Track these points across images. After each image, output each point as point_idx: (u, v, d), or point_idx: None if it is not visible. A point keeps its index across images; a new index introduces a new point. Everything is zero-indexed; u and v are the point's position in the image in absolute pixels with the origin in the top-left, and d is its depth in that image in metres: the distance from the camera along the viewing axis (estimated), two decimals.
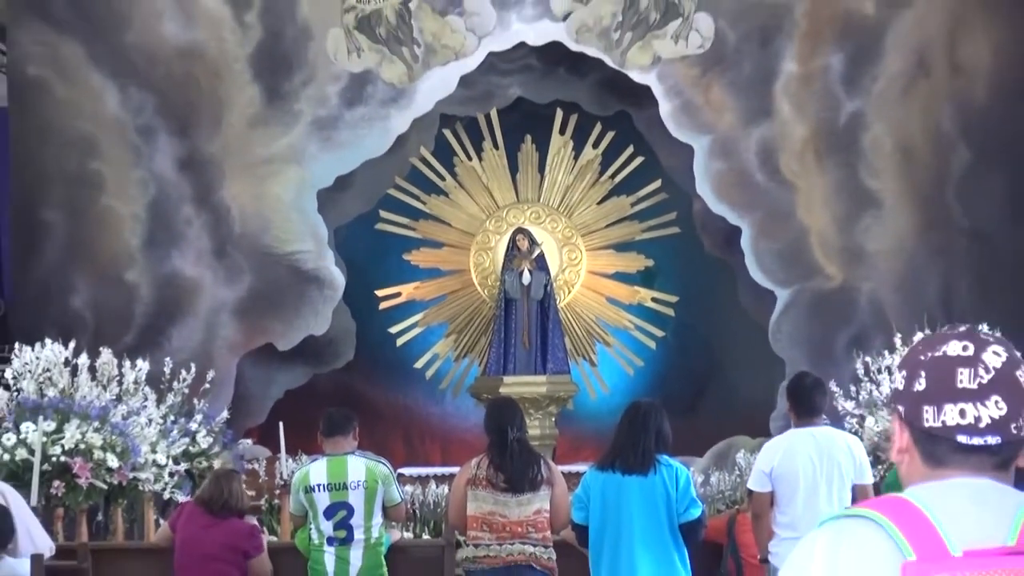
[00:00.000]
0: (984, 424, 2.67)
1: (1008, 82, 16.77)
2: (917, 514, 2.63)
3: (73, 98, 16.86)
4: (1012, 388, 2.68)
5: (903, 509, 2.65)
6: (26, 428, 12.52)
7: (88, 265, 16.81)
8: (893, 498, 2.69)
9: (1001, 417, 2.67)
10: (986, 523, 2.62)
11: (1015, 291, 16.33)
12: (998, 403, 2.67)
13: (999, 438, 2.67)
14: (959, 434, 2.68)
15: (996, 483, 2.70)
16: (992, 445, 2.68)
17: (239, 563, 9.49)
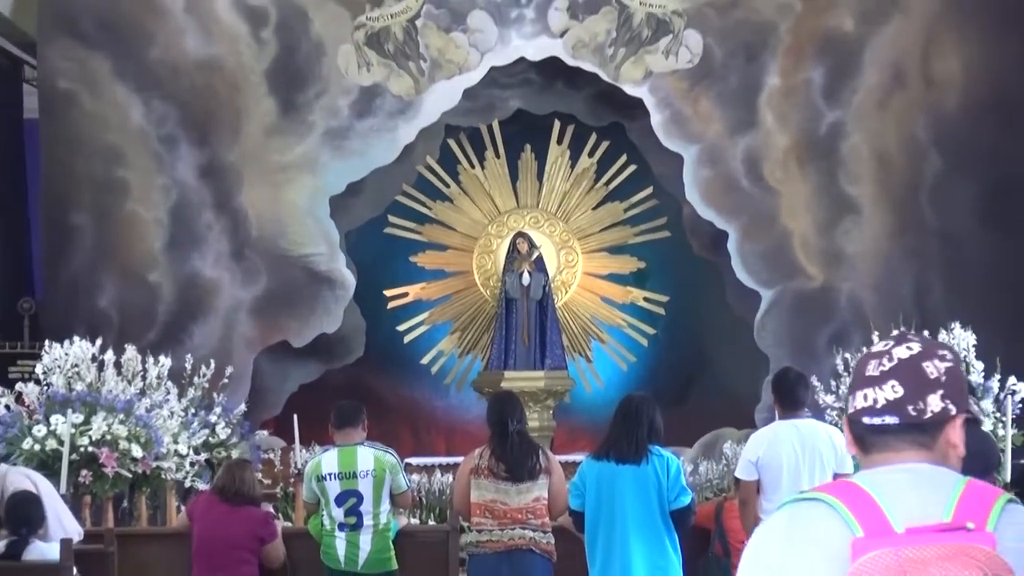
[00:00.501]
0: (880, 406, 2.84)
1: (977, 94, 16.77)
2: (864, 496, 2.76)
3: (100, 110, 16.86)
4: (912, 375, 2.84)
5: (852, 492, 2.78)
6: (56, 420, 12.52)
7: (114, 267, 16.80)
8: (844, 483, 2.81)
9: (896, 399, 2.83)
10: (925, 503, 2.74)
11: (984, 290, 16.32)
12: (894, 387, 2.84)
13: (896, 418, 2.83)
14: (863, 416, 2.86)
15: (933, 466, 2.83)
16: (892, 425, 2.84)
17: (255, 549, 9.48)
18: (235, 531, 9.43)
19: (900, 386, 2.85)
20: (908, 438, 2.86)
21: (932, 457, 2.86)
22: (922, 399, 2.84)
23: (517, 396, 9.80)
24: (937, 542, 2.68)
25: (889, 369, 2.86)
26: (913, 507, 2.75)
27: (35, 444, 12.51)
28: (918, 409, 2.84)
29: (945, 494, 2.78)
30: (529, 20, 16.90)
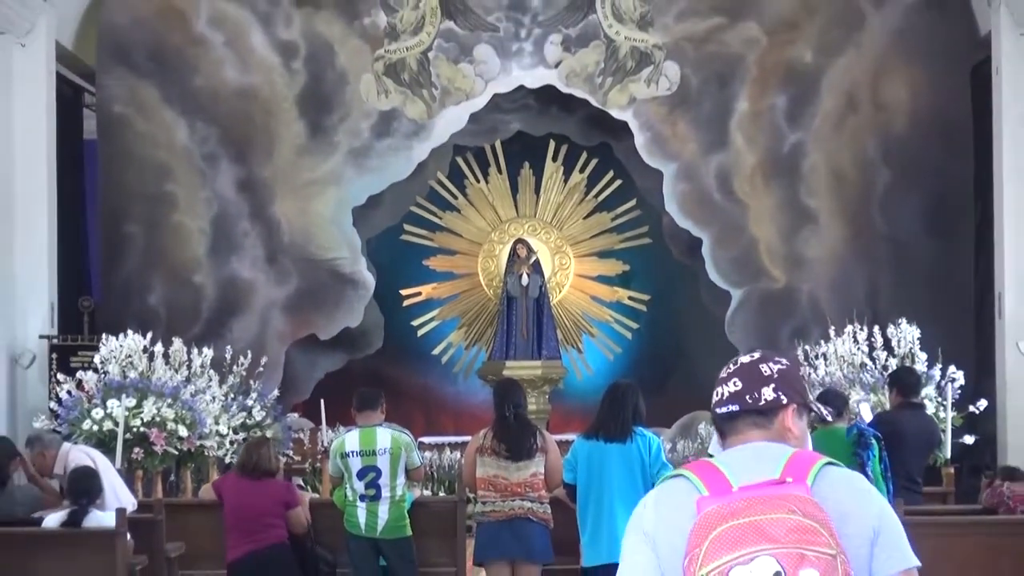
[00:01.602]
0: (724, 397, 3.23)
1: (921, 118, 16.77)
2: (713, 469, 3.09)
3: (150, 131, 16.86)
4: (750, 374, 3.23)
5: (705, 467, 3.11)
6: (111, 404, 12.53)
7: (163, 269, 16.80)
8: (702, 461, 3.15)
9: (736, 392, 3.22)
10: (762, 468, 3.06)
11: (928, 290, 16.32)
12: (735, 383, 3.23)
13: (737, 406, 3.20)
14: (716, 408, 3.25)
15: (769, 443, 3.16)
16: (734, 411, 3.21)
17: (282, 514, 9.46)
18: (262, 501, 9.42)
19: (740, 382, 3.23)
20: (749, 421, 3.20)
21: (769, 436, 3.18)
22: (757, 390, 3.20)
23: (518, 383, 9.78)
24: (760, 493, 2.97)
25: (733, 371, 3.27)
26: (751, 471, 3.04)
27: (94, 425, 12.52)
28: (753, 398, 3.20)
29: (777, 460, 3.08)
30: (528, 53, 16.91)
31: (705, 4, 16.81)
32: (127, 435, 12.47)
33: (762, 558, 2.86)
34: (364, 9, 16.89)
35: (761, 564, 2.85)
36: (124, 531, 8.25)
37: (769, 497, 2.94)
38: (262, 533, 9.35)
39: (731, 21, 16.80)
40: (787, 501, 2.93)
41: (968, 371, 13.99)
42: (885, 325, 14.05)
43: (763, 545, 2.86)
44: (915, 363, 13.28)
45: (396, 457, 9.28)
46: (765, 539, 2.87)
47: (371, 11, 16.88)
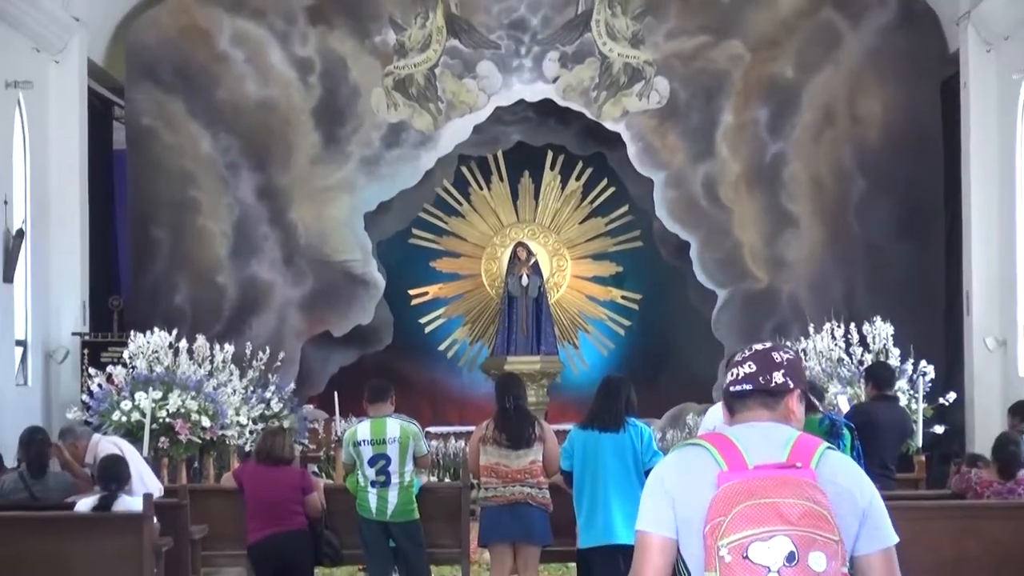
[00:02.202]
0: (740, 377, 3.38)
1: (894, 130, 16.78)
2: (729, 443, 3.26)
3: (176, 142, 16.86)
4: (763, 359, 3.39)
5: (721, 440, 3.28)
6: (139, 396, 12.53)
7: (187, 271, 16.80)
8: (716, 434, 3.33)
9: (751, 373, 3.37)
10: (771, 449, 3.23)
11: (900, 290, 16.32)
12: (750, 365, 3.38)
13: (751, 385, 3.36)
14: (730, 387, 3.39)
15: (775, 424, 3.33)
16: (747, 390, 3.36)
17: (300, 500, 9.44)
18: (281, 488, 9.40)
19: (754, 365, 3.38)
20: (759, 400, 3.36)
21: (775, 417, 3.35)
22: (769, 374, 3.36)
23: (519, 377, 9.77)
24: (774, 475, 3.14)
25: (748, 356, 3.41)
26: (761, 451, 3.22)
27: (122, 416, 12.52)
28: (765, 379, 3.36)
29: (783, 443, 3.26)
30: (527, 69, 16.92)
31: (693, 23, 16.81)
32: (154, 425, 12.46)
33: (779, 537, 3.05)
34: (375, 28, 16.89)
35: (778, 543, 3.04)
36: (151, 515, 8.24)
37: (784, 480, 3.13)
38: (284, 519, 9.34)
39: (717, 39, 16.80)
40: (800, 487, 3.11)
41: (938, 366, 13.99)
42: (861, 323, 14.04)
43: (780, 526, 3.05)
44: (889, 358, 13.27)
45: (405, 446, 9.27)
46: (782, 520, 3.06)
47: (381, 30, 16.88)
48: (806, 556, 3.03)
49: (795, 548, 3.04)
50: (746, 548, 3.04)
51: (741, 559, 3.04)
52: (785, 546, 3.04)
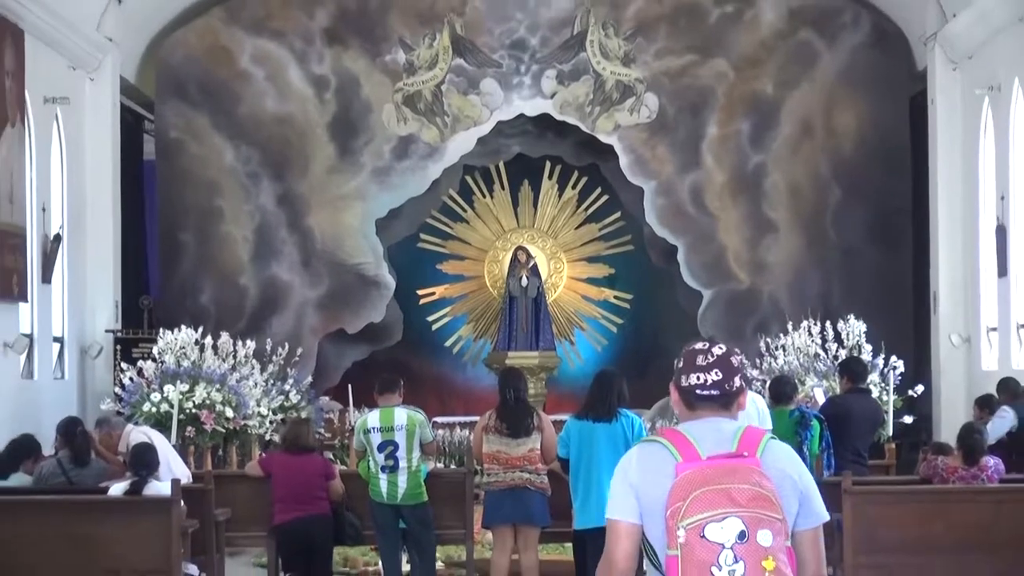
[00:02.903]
0: (709, 383, 3.51)
1: (867, 142, 16.79)
2: (684, 438, 3.43)
3: (202, 154, 16.87)
4: (726, 366, 3.52)
5: (676, 435, 3.45)
6: (168, 389, 12.54)
7: (212, 272, 16.81)
8: (671, 430, 3.49)
9: (717, 381, 3.50)
10: (721, 440, 3.41)
11: (872, 291, 16.33)
12: (716, 373, 3.51)
13: (718, 391, 3.50)
14: (696, 389, 3.51)
15: (726, 419, 3.49)
16: (715, 395, 3.50)
17: (323, 485, 9.48)
18: (306, 474, 9.43)
19: (720, 372, 3.51)
20: (719, 403, 3.51)
21: (728, 414, 3.52)
22: (731, 380, 3.52)
23: (519, 371, 9.78)
24: (725, 463, 3.33)
25: (712, 361, 3.52)
26: (713, 443, 3.40)
27: (152, 407, 12.52)
28: (730, 385, 3.51)
29: (732, 435, 3.43)
30: (527, 85, 16.92)
31: (680, 43, 16.82)
32: (181, 416, 12.47)
33: (731, 518, 3.23)
34: (386, 48, 16.90)
35: (730, 523, 3.23)
36: (178, 499, 8.25)
37: (734, 468, 3.31)
38: (308, 503, 9.38)
39: (703, 58, 16.80)
40: (748, 473, 3.30)
41: (907, 360, 13.99)
42: (835, 321, 14.05)
43: (732, 508, 3.24)
44: (861, 354, 13.28)
45: (411, 433, 9.29)
46: (733, 504, 3.24)
47: (392, 49, 16.89)
48: (755, 534, 3.22)
49: (745, 527, 3.22)
50: (703, 528, 3.22)
51: (699, 538, 3.22)
52: (736, 526, 3.23)
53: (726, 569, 3.20)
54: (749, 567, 3.20)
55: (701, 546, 3.21)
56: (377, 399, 9.52)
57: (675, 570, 3.24)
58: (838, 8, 16.85)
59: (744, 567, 3.20)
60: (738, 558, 3.21)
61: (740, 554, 3.21)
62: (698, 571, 3.21)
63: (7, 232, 13.07)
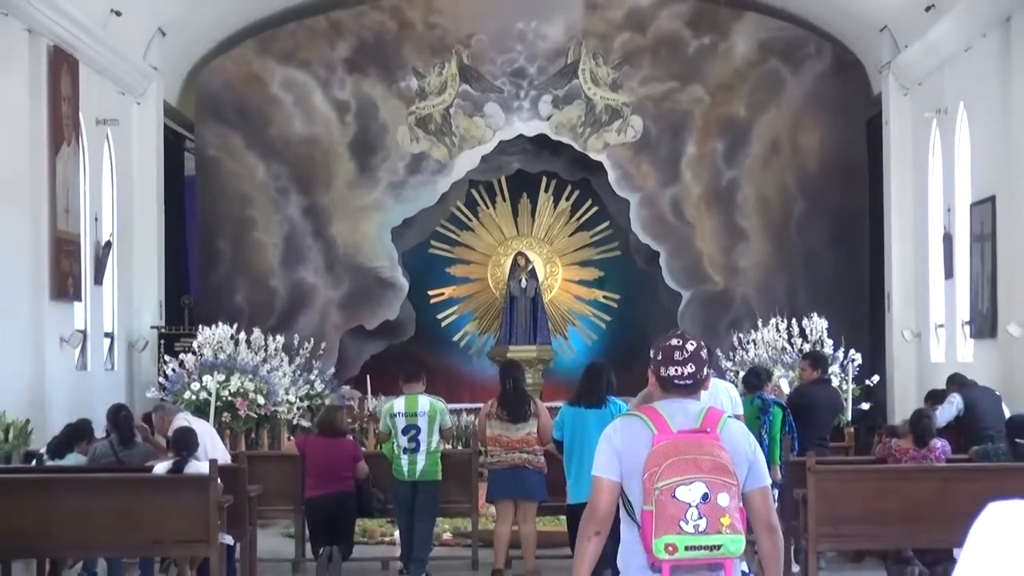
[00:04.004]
0: (684, 375, 3.81)
1: (828, 159, 16.80)
2: (658, 414, 3.74)
3: (236, 170, 16.87)
4: (697, 360, 3.82)
5: (652, 412, 3.76)
6: (206, 379, 12.53)
7: (245, 275, 16.81)
8: (648, 407, 3.79)
9: (691, 372, 3.81)
10: (688, 418, 3.73)
11: (833, 291, 16.32)
12: (691, 366, 3.81)
13: (691, 381, 3.81)
14: (675, 380, 3.81)
15: (692, 401, 3.80)
16: (688, 384, 3.80)
17: (352, 466, 9.51)
18: (338, 456, 9.47)
19: (693, 366, 3.81)
20: (690, 390, 3.82)
21: (695, 397, 3.82)
22: (702, 372, 3.83)
23: (518, 363, 9.81)
24: (692, 437, 3.65)
25: (687, 356, 3.81)
26: (681, 420, 3.71)
27: (192, 395, 12.51)
28: (701, 375, 3.83)
29: (697, 414, 3.75)
30: (526, 109, 16.93)
31: (662, 71, 16.83)
32: (218, 403, 12.46)
33: (697, 483, 3.54)
34: (400, 75, 16.90)
35: (696, 486, 3.54)
36: (215, 476, 8.25)
37: (699, 441, 3.63)
38: (337, 481, 9.41)
39: (682, 85, 16.81)
40: (710, 446, 3.61)
41: (864, 353, 13.99)
42: (800, 318, 14.05)
43: (697, 474, 3.55)
44: (823, 347, 13.27)
45: (432, 419, 9.30)
46: (699, 471, 3.55)
47: (406, 77, 16.89)
48: (715, 496, 3.53)
49: (708, 490, 3.53)
50: (674, 490, 3.53)
51: (671, 498, 3.53)
52: (701, 489, 3.53)
53: (692, 523, 3.52)
54: (710, 522, 3.52)
55: (672, 504, 3.52)
56: (402, 387, 9.53)
57: (650, 522, 3.55)
58: (802, 40, 16.85)
59: (706, 522, 3.51)
60: (701, 515, 3.51)
61: (703, 511, 3.52)
62: (668, 524, 3.52)
63: (64, 239, 13.07)
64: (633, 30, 16.84)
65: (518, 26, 16.87)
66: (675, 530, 3.50)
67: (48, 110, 12.76)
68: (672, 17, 16.84)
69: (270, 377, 13.07)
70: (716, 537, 3.51)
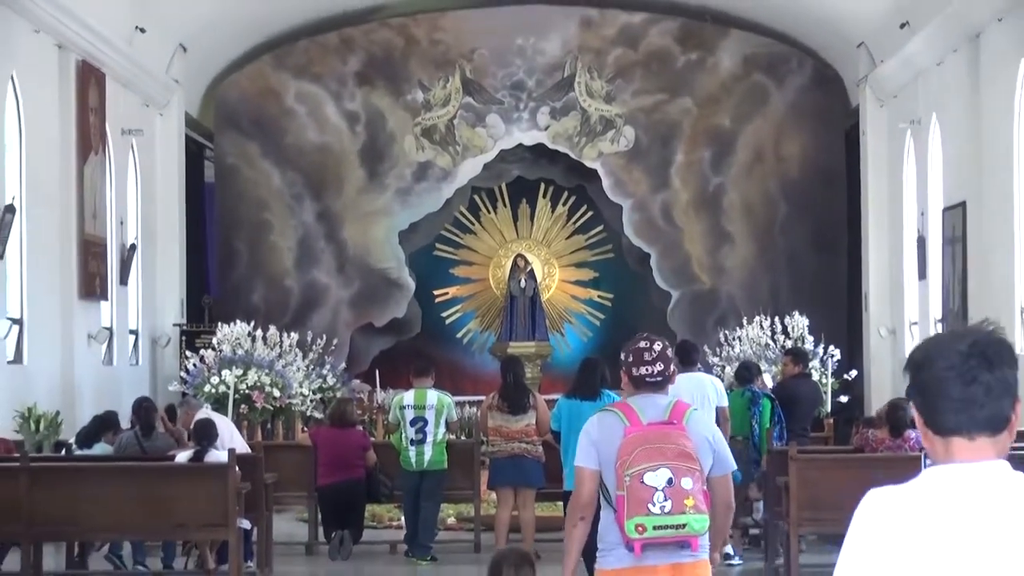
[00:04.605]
0: (655, 373, 3.97)
1: (809, 166, 16.82)
2: (630, 409, 3.90)
3: (253, 177, 16.88)
4: (665, 360, 3.99)
5: (626, 407, 3.93)
6: (225, 373, 12.52)
7: (262, 276, 16.82)
8: (622, 403, 3.98)
9: (660, 370, 3.98)
10: (657, 411, 3.90)
11: (814, 290, 16.34)
12: (659, 365, 3.98)
13: (660, 379, 3.98)
14: (647, 378, 3.97)
15: (661, 395, 3.97)
16: (658, 381, 3.97)
17: (361, 455, 9.52)
18: (348, 445, 9.48)
19: (661, 365, 3.98)
20: (659, 386, 3.98)
21: (663, 392, 3.99)
22: (668, 370, 4.00)
23: (519, 359, 9.80)
24: (660, 429, 3.82)
25: (655, 357, 3.98)
26: (651, 413, 3.88)
27: (212, 388, 12.50)
28: (668, 372, 4.00)
29: (665, 407, 3.92)
30: (525, 120, 16.95)
31: (653, 84, 16.84)
32: (236, 395, 12.45)
33: (663, 469, 3.73)
34: (407, 88, 16.91)
35: (662, 472, 3.72)
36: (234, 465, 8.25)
37: (666, 432, 3.81)
38: (347, 469, 9.42)
39: (671, 97, 16.82)
40: (676, 436, 3.80)
41: (843, 349, 14.00)
42: (783, 316, 14.04)
43: (664, 461, 3.73)
44: (804, 344, 13.27)
45: (439, 412, 9.30)
46: (664, 458, 3.74)
47: (412, 90, 16.91)
48: (679, 480, 3.72)
49: (672, 475, 3.72)
50: (642, 476, 3.71)
51: (639, 483, 3.71)
52: (666, 474, 3.72)
53: (659, 505, 3.70)
54: (675, 504, 3.71)
55: (641, 488, 3.70)
56: (412, 380, 9.53)
57: (622, 505, 3.73)
58: (785, 56, 16.86)
59: (671, 504, 3.71)
60: (667, 497, 3.71)
61: (668, 494, 3.71)
62: (638, 506, 3.71)
63: (91, 242, 13.08)
64: (625, 46, 16.85)
65: (517, 42, 16.88)
66: (644, 512, 3.68)
67: (77, 121, 12.78)
68: (662, 34, 16.85)
69: (285, 372, 13.06)
70: (681, 517, 3.70)
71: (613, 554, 3.82)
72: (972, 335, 1.95)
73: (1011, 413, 1.93)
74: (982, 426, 1.92)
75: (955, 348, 1.93)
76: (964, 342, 1.94)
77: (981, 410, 1.91)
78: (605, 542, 3.86)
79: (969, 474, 1.91)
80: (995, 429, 1.93)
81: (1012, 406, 1.93)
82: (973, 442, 1.93)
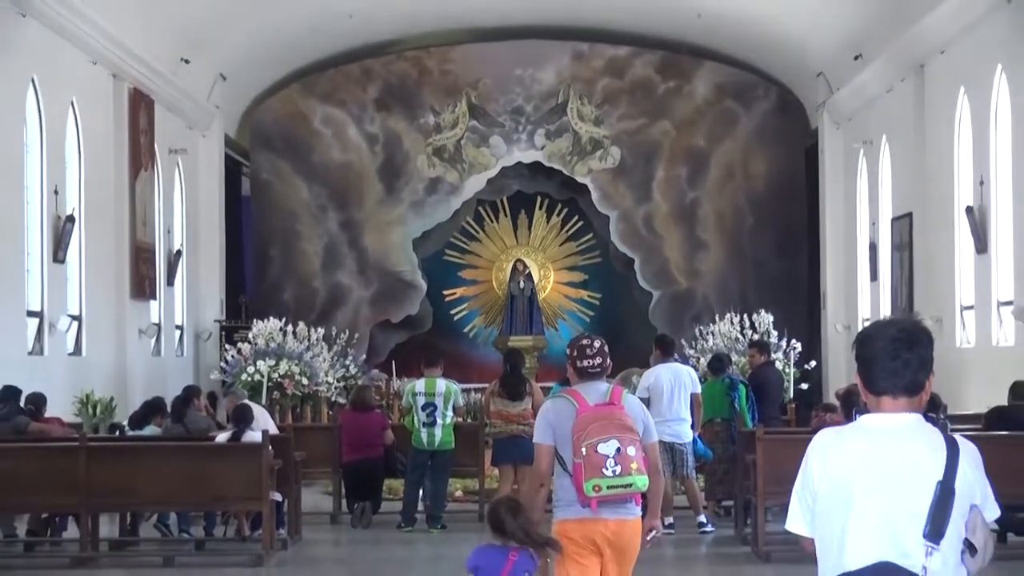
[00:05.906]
0: (595, 365, 4.21)
1: (774, 183, 16.80)
2: (579, 395, 4.14)
3: (284, 191, 16.86)
4: (603, 354, 4.23)
5: (575, 393, 4.15)
6: (259, 364, 12.52)
7: (292, 278, 16.80)
8: (571, 389, 4.17)
9: (600, 362, 4.22)
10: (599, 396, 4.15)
11: (778, 291, 16.31)
12: (599, 358, 4.22)
13: (600, 370, 4.21)
14: (589, 369, 4.21)
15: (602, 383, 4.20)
16: (598, 371, 4.20)
17: (380, 435, 9.50)
18: (368, 427, 9.47)
19: (599, 358, 4.22)
20: (600, 376, 4.21)
21: (603, 380, 4.22)
22: (606, 362, 4.24)
23: (518, 351, 9.79)
24: (604, 409, 4.09)
25: (596, 351, 4.23)
26: (595, 397, 4.14)
27: (248, 377, 12.50)
28: (606, 366, 4.23)
29: (605, 392, 4.17)
30: (524, 141, 16.94)
31: (636, 110, 16.83)
32: (269, 383, 12.45)
33: (611, 440, 4.02)
34: (420, 113, 16.90)
35: (611, 443, 4.01)
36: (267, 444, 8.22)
37: (610, 411, 4.08)
38: (368, 448, 9.42)
39: (652, 120, 16.81)
40: (618, 415, 4.08)
41: (803, 342, 13.97)
42: (751, 313, 14.02)
43: (612, 433, 4.02)
44: (770, 337, 13.25)
45: (447, 398, 9.27)
46: (612, 430, 4.02)
47: (424, 114, 16.89)
48: (625, 448, 4.01)
49: (620, 445, 4.01)
50: (596, 446, 4.00)
51: (594, 452, 4.00)
52: (615, 444, 4.01)
53: (611, 469, 3.99)
54: (623, 467, 4.00)
55: (596, 456, 3.99)
56: (424, 370, 9.49)
57: (580, 471, 4.01)
58: (752, 84, 16.85)
59: (620, 467, 4.00)
60: (617, 463, 3.99)
61: (618, 460, 3.99)
62: (594, 470, 3.99)
63: (142, 248, 13.07)
64: (612, 76, 16.85)
65: (517, 72, 16.88)
66: (599, 475, 3.99)
67: (129, 141, 12.79)
68: (644, 65, 16.85)
69: (312, 362, 13.06)
70: (628, 478, 4.01)
71: (570, 509, 4.11)
72: (900, 323, 2.42)
73: (925, 381, 2.39)
74: (903, 390, 2.38)
75: (888, 332, 2.39)
76: (894, 327, 2.40)
77: (903, 378, 2.36)
78: (561, 500, 4.16)
79: (891, 421, 2.39)
80: (912, 392, 2.38)
81: (927, 377, 2.38)
82: (896, 400, 2.39)
